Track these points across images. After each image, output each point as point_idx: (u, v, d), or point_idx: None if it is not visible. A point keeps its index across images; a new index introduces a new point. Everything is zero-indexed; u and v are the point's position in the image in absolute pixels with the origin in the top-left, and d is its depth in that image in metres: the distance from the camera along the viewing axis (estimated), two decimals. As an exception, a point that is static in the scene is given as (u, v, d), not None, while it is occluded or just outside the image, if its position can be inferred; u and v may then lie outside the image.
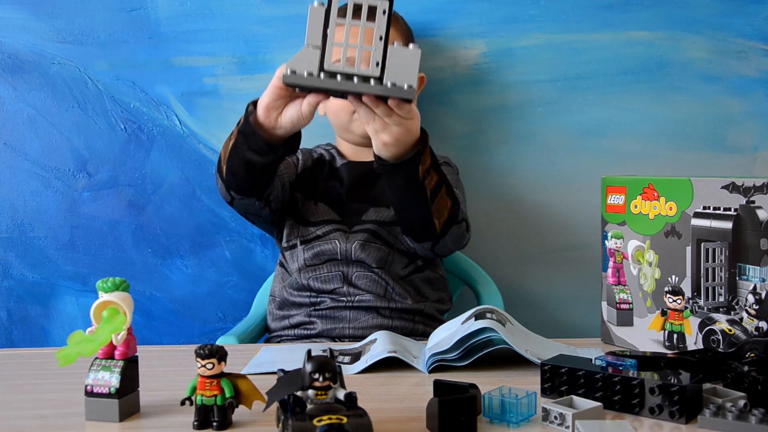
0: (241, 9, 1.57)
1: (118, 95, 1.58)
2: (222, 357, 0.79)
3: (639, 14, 1.58)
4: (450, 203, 1.25)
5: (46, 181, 1.59)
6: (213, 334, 1.58)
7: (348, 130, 1.42)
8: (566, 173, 1.60)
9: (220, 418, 0.79)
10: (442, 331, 1.07)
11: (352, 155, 1.47)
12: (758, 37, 1.58)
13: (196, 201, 1.60)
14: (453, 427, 0.75)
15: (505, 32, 1.57)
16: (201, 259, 1.60)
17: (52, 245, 1.60)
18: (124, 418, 0.82)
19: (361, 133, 1.39)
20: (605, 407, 0.81)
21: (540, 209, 1.61)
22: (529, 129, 1.60)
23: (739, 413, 0.76)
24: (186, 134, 1.59)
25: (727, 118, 1.60)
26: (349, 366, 1.00)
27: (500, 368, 0.99)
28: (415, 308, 1.33)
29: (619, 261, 1.13)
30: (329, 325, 1.31)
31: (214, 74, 1.58)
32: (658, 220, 1.07)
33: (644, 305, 1.09)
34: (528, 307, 1.59)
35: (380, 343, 1.05)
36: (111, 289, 0.82)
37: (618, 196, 1.12)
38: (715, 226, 1.00)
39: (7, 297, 1.60)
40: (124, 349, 0.83)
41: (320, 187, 1.42)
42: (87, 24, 1.57)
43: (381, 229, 1.36)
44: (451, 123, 1.59)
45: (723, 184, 0.99)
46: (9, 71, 1.57)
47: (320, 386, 0.71)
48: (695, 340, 1.03)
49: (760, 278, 0.95)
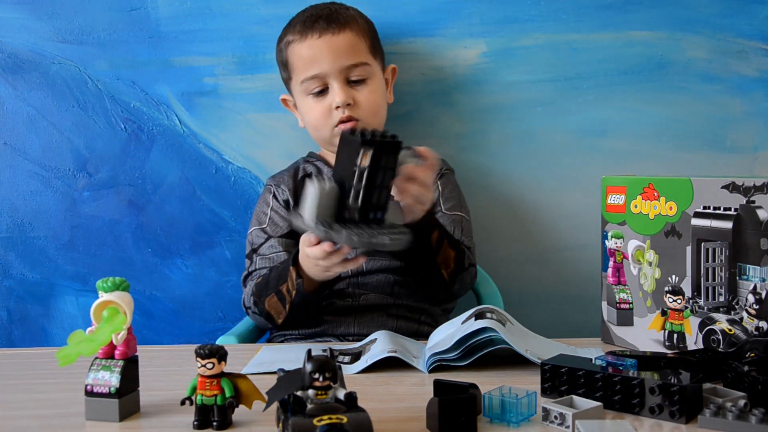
0: (241, 9, 1.57)
1: (118, 95, 1.58)
2: (222, 357, 0.79)
3: (639, 14, 1.57)
4: (453, 253, 1.27)
5: (46, 180, 1.59)
6: (213, 334, 1.58)
7: (331, 143, 1.41)
8: (566, 173, 1.60)
9: (220, 417, 0.79)
10: (442, 331, 1.07)
11: None
12: (758, 37, 1.58)
13: (196, 201, 1.60)
14: (453, 427, 0.75)
15: (505, 32, 1.57)
16: (201, 259, 1.60)
17: (52, 245, 1.60)
18: (124, 418, 0.82)
19: None
20: (605, 407, 0.81)
21: (539, 209, 1.61)
22: (529, 129, 1.59)
23: (739, 413, 0.76)
24: (186, 134, 1.59)
25: (727, 118, 1.59)
26: (349, 366, 1.00)
27: (500, 368, 0.99)
28: (422, 307, 1.33)
29: (619, 261, 1.13)
30: (334, 324, 1.30)
31: (214, 74, 1.58)
32: (658, 219, 1.07)
33: (644, 305, 1.09)
34: (527, 307, 1.59)
35: (380, 342, 1.05)
36: (111, 289, 0.82)
37: (618, 195, 1.12)
38: (716, 226, 1.00)
39: (7, 297, 1.60)
40: (125, 348, 0.83)
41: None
42: (87, 24, 1.57)
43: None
44: (451, 123, 1.59)
45: (723, 184, 0.99)
46: (9, 71, 1.57)
47: (320, 386, 0.71)
48: (695, 339, 1.03)
49: (760, 278, 0.95)
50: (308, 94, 1.40)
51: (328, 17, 1.38)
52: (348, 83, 1.38)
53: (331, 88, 1.38)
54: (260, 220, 1.42)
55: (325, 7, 1.42)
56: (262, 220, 1.42)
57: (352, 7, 1.45)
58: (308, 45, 1.38)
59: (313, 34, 1.37)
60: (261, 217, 1.43)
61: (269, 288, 1.27)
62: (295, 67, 1.41)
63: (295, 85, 1.42)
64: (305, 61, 1.38)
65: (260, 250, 1.38)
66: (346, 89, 1.37)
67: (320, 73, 1.37)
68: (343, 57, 1.37)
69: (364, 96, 1.39)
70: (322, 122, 1.40)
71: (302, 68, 1.39)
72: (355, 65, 1.38)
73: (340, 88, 1.37)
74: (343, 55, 1.37)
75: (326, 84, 1.38)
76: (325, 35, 1.37)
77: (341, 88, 1.37)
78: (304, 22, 1.40)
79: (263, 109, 1.58)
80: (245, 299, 1.35)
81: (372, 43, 1.43)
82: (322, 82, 1.38)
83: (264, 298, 1.28)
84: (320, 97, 1.39)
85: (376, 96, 1.41)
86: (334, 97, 1.37)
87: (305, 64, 1.38)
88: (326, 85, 1.38)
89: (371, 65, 1.40)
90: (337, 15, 1.39)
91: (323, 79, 1.38)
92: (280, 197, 1.44)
